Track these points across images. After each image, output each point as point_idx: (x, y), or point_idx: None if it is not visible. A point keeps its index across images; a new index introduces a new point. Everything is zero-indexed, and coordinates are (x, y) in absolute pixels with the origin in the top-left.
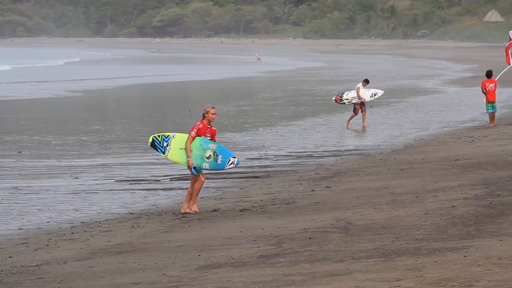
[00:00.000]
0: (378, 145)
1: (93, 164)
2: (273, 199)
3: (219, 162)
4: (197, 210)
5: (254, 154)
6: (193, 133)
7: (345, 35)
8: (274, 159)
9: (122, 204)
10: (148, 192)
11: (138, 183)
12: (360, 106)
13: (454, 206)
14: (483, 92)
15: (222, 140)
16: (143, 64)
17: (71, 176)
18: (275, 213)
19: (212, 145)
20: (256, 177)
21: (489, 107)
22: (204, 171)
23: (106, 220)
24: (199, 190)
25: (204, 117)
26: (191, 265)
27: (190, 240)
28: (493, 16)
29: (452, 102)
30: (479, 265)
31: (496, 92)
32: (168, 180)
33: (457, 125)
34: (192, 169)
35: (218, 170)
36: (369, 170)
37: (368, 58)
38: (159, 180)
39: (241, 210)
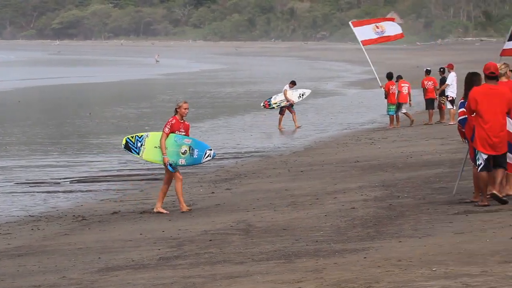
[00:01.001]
0: (278, 147)
1: None
2: (174, 201)
3: (195, 156)
4: (188, 208)
5: None
6: (166, 130)
7: (245, 37)
8: None
9: (22, 207)
10: (48, 194)
11: (38, 186)
12: (288, 107)
13: (354, 208)
14: (385, 93)
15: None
16: (43, 66)
17: None
18: (175, 215)
19: (187, 140)
20: (156, 179)
21: (391, 109)
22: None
23: (6, 223)
24: (181, 189)
25: (176, 112)
26: (91, 268)
27: (90, 243)
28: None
29: (352, 104)
30: (379, 266)
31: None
32: (68, 182)
33: (357, 127)
34: (168, 166)
35: (194, 165)
36: (269, 172)
37: (268, 60)
38: (59, 183)
39: (141, 213)
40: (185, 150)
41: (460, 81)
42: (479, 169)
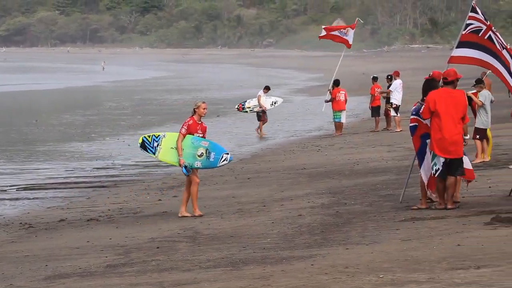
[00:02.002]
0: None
1: None
2: (121, 208)
3: (211, 159)
4: (200, 213)
5: (101, 163)
6: (183, 131)
7: (192, 44)
8: (121, 168)
9: None
10: None
11: None
12: (262, 113)
13: (301, 215)
14: (330, 99)
15: (69, 150)
16: None
17: None
18: (122, 222)
19: (204, 143)
20: (103, 186)
21: (337, 116)
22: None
23: None
24: (197, 193)
25: (194, 112)
26: (38, 275)
27: (37, 250)
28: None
29: (298, 111)
30: (326, 273)
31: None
32: (15, 190)
33: (304, 134)
34: (183, 169)
35: (210, 168)
36: (216, 179)
37: (214, 67)
38: (5, 190)
39: (88, 220)
40: (202, 153)
41: (408, 87)
42: (436, 174)
